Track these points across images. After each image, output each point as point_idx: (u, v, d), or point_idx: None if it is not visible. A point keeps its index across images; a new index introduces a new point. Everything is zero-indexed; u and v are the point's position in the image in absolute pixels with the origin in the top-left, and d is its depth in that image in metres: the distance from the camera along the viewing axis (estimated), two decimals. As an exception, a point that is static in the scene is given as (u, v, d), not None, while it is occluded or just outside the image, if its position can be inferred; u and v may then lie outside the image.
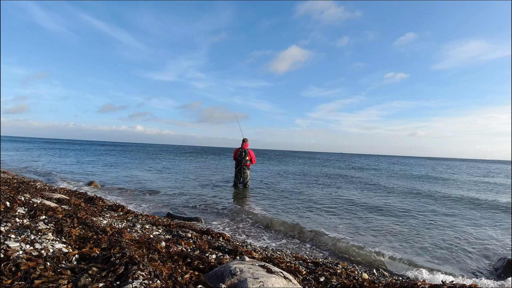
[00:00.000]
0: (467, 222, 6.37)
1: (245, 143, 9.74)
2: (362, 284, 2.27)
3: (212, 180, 12.25)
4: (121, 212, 4.77)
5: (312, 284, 2.37)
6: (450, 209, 7.84)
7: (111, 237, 2.50)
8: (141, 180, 11.50)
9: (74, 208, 4.16)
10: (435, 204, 8.52)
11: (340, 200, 8.48)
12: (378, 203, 8.24)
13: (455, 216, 6.95)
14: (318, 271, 2.69)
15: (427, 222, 6.18)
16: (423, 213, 7.12)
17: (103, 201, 5.58)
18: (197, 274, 2.00)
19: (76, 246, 2.32)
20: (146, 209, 6.26)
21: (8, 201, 3.43)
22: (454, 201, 9.41)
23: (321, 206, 7.47)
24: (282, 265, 2.61)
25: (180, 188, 9.61)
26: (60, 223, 2.76)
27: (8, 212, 2.97)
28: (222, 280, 1.86)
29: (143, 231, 3.53)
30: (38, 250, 2.01)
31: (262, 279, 1.81)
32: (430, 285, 2.29)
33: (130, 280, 1.62)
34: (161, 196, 8.03)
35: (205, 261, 2.30)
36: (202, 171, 16.44)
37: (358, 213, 6.79)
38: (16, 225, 2.55)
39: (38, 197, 4.43)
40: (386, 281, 2.78)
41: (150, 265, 1.88)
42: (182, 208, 6.58)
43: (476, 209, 8.08)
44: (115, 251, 2.05)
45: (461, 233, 5.44)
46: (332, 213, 6.73)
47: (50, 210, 3.33)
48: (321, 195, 9.29)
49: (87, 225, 2.90)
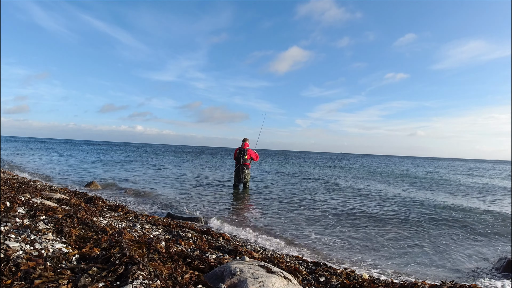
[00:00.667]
0: (467, 222, 6.37)
1: (245, 142, 9.58)
2: (362, 284, 2.27)
3: (212, 180, 12.25)
4: (121, 212, 4.77)
5: (312, 284, 2.37)
6: (448, 209, 7.84)
7: (111, 237, 2.50)
8: (141, 180, 11.51)
9: (74, 208, 4.16)
10: (429, 208, 8.53)
11: (336, 206, 8.48)
12: (360, 208, 8.24)
13: (454, 216, 6.95)
14: (318, 271, 2.69)
15: (421, 226, 6.18)
16: (419, 215, 7.12)
17: (103, 201, 5.58)
18: (197, 274, 2.00)
19: (76, 246, 2.32)
20: (146, 209, 6.26)
21: (8, 201, 3.43)
22: (450, 200, 9.42)
23: (320, 206, 7.47)
24: (282, 265, 2.61)
25: (180, 188, 9.61)
26: (60, 223, 2.76)
27: (8, 212, 2.97)
28: (222, 280, 1.86)
29: (143, 231, 3.53)
30: (38, 250, 2.01)
31: (262, 279, 1.81)
32: (430, 285, 2.29)
33: (130, 280, 1.62)
34: (161, 196, 8.03)
35: (205, 261, 2.30)
36: (202, 171, 16.44)
37: (354, 222, 6.80)
38: (16, 225, 2.55)
39: (38, 197, 4.43)
40: (386, 281, 2.78)
41: (150, 265, 1.88)
42: (182, 208, 6.57)
43: (475, 209, 8.08)
44: (115, 251, 2.04)
45: (460, 233, 5.44)
46: (329, 218, 6.74)
47: (50, 210, 3.33)
48: (320, 197, 9.29)
49: (87, 225, 2.90)
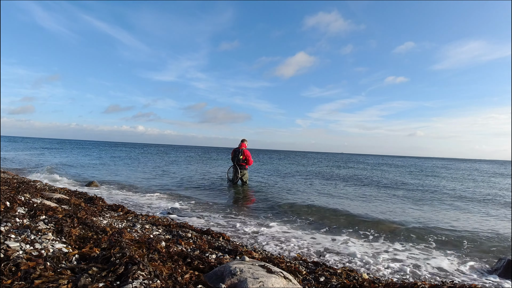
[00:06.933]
0: (466, 223, 6.37)
1: (243, 143, 9.89)
2: (362, 284, 2.27)
3: (212, 180, 12.25)
4: (121, 212, 4.77)
5: (312, 284, 2.36)
6: (446, 209, 7.84)
7: (111, 237, 2.50)
8: (141, 179, 11.52)
9: (74, 208, 4.16)
10: (427, 203, 8.52)
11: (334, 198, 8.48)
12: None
13: (452, 216, 6.95)
14: (318, 271, 2.69)
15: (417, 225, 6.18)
16: (415, 213, 7.12)
17: (103, 201, 5.58)
18: (197, 274, 2.00)
19: (76, 246, 2.32)
20: (146, 209, 6.26)
21: (8, 201, 3.43)
22: (451, 198, 9.41)
23: (319, 206, 7.47)
24: (282, 265, 2.61)
25: (180, 188, 9.61)
26: (60, 223, 2.76)
27: (8, 212, 2.97)
28: (222, 280, 1.86)
29: (143, 231, 3.53)
30: (38, 250, 2.00)
31: (262, 279, 1.81)
32: (430, 285, 2.29)
33: (130, 280, 1.62)
34: (161, 196, 8.03)
35: (205, 261, 2.30)
36: (202, 171, 16.44)
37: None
38: (16, 225, 2.54)
39: (38, 197, 4.43)
40: (386, 281, 2.78)
41: (150, 265, 1.88)
42: (182, 207, 6.58)
43: (473, 209, 8.08)
44: (115, 251, 2.04)
45: (459, 233, 5.44)
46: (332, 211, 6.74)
47: (50, 210, 3.32)
48: (320, 195, 9.29)
49: (87, 225, 2.90)
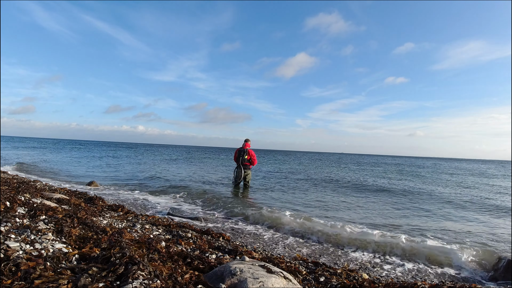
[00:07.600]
0: (466, 223, 6.37)
1: (246, 143, 9.69)
2: (362, 284, 2.27)
3: (211, 180, 12.25)
4: (121, 212, 4.77)
5: (312, 284, 2.36)
6: (444, 209, 7.84)
7: (111, 237, 2.50)
8: (141, 179, 11.51)
9: (74, 208, 4.16)
10: (426, 204, 8.52)
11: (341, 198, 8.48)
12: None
13: (452, 216, 6.95)
14: (318, 271, 2.69)
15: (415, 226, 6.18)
16: (415, 211, 7.12)
17: (103, 201, 5.58)
18: (197, 274, 2.00)
19: (76, 246, 2.32)
20: (146, 209, 6.26)
21: (8, 201, 3.43)
22: (450, 198, 9.41)
23: (321, 206, 7.47)
24: (282, 265, 2.61)
25: (180, 188, 9.61)
26: (60, 223, 2.76)
27: (8, 212, 2.97)
28: (222, 280, 1.86)
29: (143, 231, 3.53)
30: (38, 250, 2.00)
31: (262, 279, 1.81)
32: (430, 284, 2.29)
33: (130, 280, 1.62)
34: (160, 196, 8.03)
35: (205, 261, 2.30)
36: (202, 171, 16.44)
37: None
38: (16, 225, 2.55)
39: (38, 197, 4.43)
40: (386, 281, 2.78)
41: (150, 265, 1.88)
42: (182, 207, 6.58)
43: (473, 209, 8.08)
44: (115, 251, 2.04)
45: (459, 233, 5.44)
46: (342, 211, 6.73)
47: (50, 210, 3.33)
48: (320, 195, 9.29)
49: (87, 225, 2.90)
